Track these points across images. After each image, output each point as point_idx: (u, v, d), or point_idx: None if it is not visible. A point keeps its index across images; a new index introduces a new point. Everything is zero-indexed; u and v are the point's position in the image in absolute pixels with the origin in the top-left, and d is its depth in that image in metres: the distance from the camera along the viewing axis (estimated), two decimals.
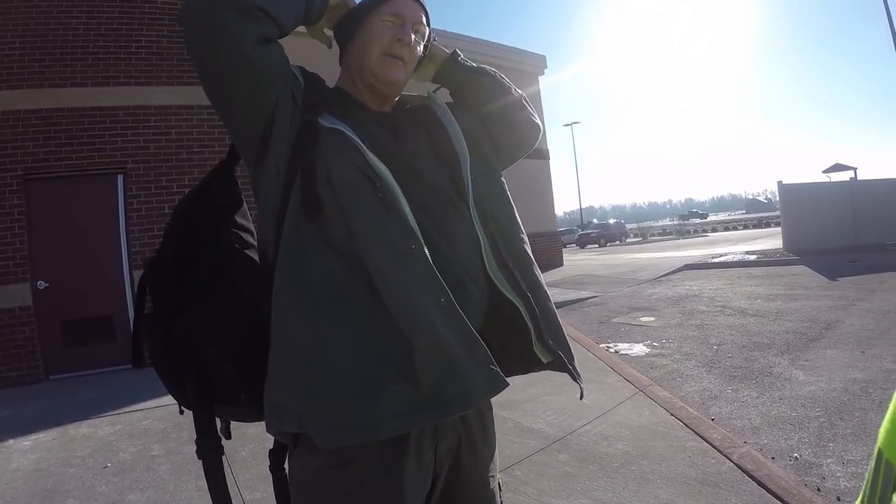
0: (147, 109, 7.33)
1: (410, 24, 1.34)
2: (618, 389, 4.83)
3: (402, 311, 1.07)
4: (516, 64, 16.92)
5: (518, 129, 1.54)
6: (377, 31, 1.32)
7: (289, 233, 1.15)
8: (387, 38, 1.32)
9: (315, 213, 1.14)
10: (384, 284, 1.09)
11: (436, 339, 1.06)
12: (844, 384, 4.54)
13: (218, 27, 1.08)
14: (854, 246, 15.29)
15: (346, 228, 1.13)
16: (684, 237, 41.64)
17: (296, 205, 1.15)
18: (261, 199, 1.25)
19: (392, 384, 1.06)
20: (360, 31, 1.35)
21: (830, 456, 3.33)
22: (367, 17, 1.35)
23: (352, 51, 1.37)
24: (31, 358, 6.67)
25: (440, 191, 1.28)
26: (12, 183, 6.69)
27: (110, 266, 7.19)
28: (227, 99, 1.19)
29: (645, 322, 8.12)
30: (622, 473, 3.28)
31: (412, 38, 1.34)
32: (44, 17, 6.91)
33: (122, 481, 3.66)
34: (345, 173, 1.15)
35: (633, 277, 13.82)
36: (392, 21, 1.33)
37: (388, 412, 1.05)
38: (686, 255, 19.53)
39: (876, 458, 0.59)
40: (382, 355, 1.07)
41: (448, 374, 1.07)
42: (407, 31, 1.33)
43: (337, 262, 1.12)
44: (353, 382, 1.05)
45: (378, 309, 1.09)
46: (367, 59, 1.32)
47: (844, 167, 21.73)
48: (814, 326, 6.73)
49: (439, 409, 1.08)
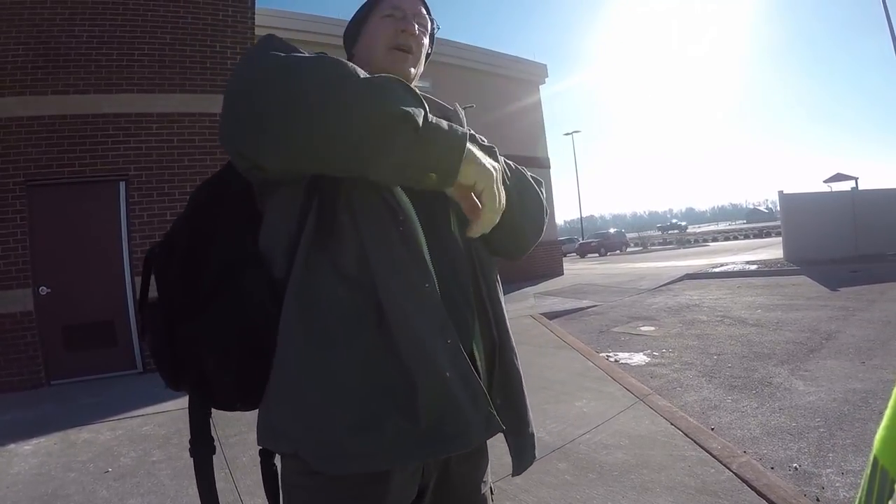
0: (149, 116, 7.36)
1: (412, 16, 1.33)
2: (617, 398, 4.83)
3: (409, 348, 1.06)
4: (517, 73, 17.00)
5: (527, 240, 1.39)
6: (379, 28, 1.32)
7: (300, 254, 1.11)
8: (390, 32, 1.31)
9: (329, 238, 1.10)
10: (394, 318, 1.07)
11: (439, 379, 1.06)
12: (844, 394, 4.54)
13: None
14: (855, 256, 15.29)
15: (360, 255, 1.09)
16: (685, 247, 41.63)
17: (311, 227, 1.10)
18: (271, 213, 1.20)
19: (392, 418, 1.05)
20: (363, 35, 1.36)
21: (830, 466, 3.33)
22: (367, 20, 1.35)
23: (358, 54, 1.37)
24: (33, 363, 6.68)
25: (446, 212, 1.25)
26: (15, 189, 6.72)
27: (112, 272, 7.20)
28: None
29: (645, 331, 8.13)
30: (621, 482, 3.28)
31: (416, 28, 1.33)
32: (47, 24, 6.96)
33: (122, 486, 3.67)
34: (366, 200, 1.10)
35: (634, 287, 13.82)
36: (392, 14, 1.32)
37: (387, 446, 1.05)
38: (686, 264, 19.54)
39: (871, 466, 0.59)
40: (385, 388, 1.07)
41: (447, 414, 1.07)
42: (409, 21, 1.32)
43: (347, 288, 1.09)
44: (354, 414, 1.05)
45: (384, 339, 1.07)
46: (375, 57, 1.31)
47: (846, 177, 21.76)
48: (814, 337, 6.73)
49: (436, 447, 1.08)
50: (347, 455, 1.04)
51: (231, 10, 7.88)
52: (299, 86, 0.94)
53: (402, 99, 0.97)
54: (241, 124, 0.99)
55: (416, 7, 1.36)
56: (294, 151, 0.99)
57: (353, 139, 0.94)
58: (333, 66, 0.96)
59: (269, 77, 0.96)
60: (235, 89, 1.01)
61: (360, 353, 1.07)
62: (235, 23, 7.91)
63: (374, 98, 0.94)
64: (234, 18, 7.90)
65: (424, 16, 1.38)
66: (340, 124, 0.93)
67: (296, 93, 0.93)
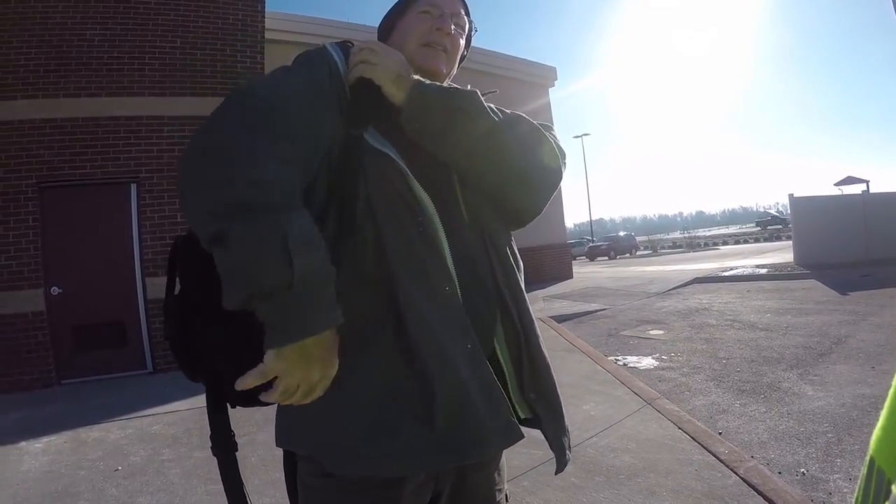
0: (160, 119, 7.43)
1: (449, 15, 1.29)
2: (625, 402, 4.82)
3: (428, 354, 1.04)
4: (527, 76, 17.00)
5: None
6: (415, 23, 1.29)
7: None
8: (425, 28, 1.28)
9: (349, 239, 1.08)
10: (414, 323, 1.05)
11: (459, 386, 1.05)
12: (853, 399, 4.51)
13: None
14: (866, 260, 15.16)
15: (379, 257, 1.08)
16: (694, 250, 41.47)
17: (331, 228, 1.09)
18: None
19: (409, 424, 1.05)
20: (397, 28, 1.32)
21: (838, 472, 3.31)
22: (404, 14, 1.32)
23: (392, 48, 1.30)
24: (44, 362, 6.74)
25: (455, 198, 1.24)
26: (27, 191, 6.79)
27: (123, 273, 7.27)
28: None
29: (654, 335, 8.11)
30: (628, 486, 3.28)
31: (452, 27, 1.29)
32: (59, 28, 7.04)
33: (132, 484, 3.70)
34: (386, 200, 1.09)
35: (643, 290, 13.78)
36: (429, 11, 1.29)
37: (403, 452, 1.04)
38: (696, 268, 19.45)
39: (868, 466, 0.59)
40: (403, 393, 1.06)
41: (465, 422, 1.06)
42: (446, 20, 1.28)
43: (366, 291, 1.08)
44: (371, 418, 1.05)
45: (403, 344, 1.06)
46: (408, 52, 1.26)
47: (857, 180, 21.60)
48: (824, 341, 6.70)
49: (452, 455, 1.08)
50: (360, 459, 1.04)
51: (241, 13, 7.94)
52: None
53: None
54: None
55: (455, 7, 1.33)
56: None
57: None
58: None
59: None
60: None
61: (378, 357, 1.06)
62: (245, 27, 7.97)
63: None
64: (244, 22, 7.96)
65: (463, 16, 1.35)
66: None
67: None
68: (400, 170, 1.10)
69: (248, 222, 0.88)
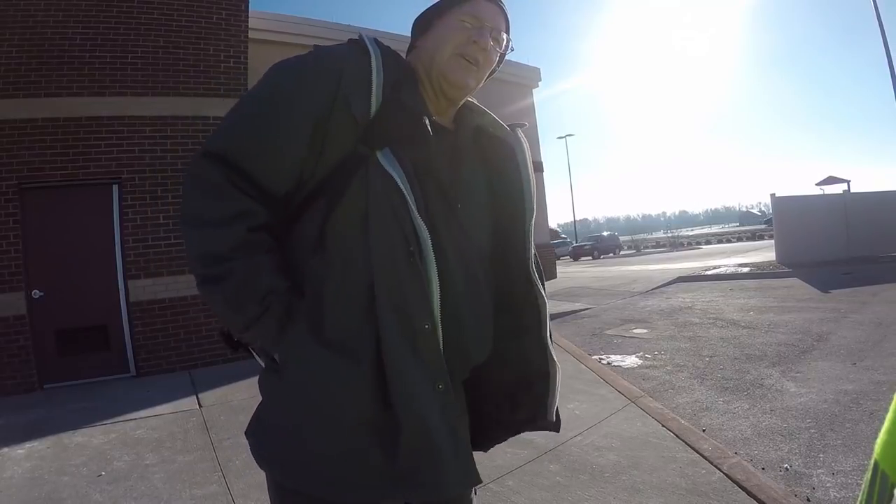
0: (142, 119, 7.34)
1: (489, 29, 1.26)
2: (609, 401, 4.85)
3: (398, 390, 1.07)
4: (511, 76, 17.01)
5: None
6: (452, 30, 1.25)
7: (314, 274, 1.13)
8: (462, 38, 1.24)
9: (343, 265, 1.11)
10: (389, 358, 1.07)
11: (425, 426, 1.07)
12: (835, 396, 4.57)
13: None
14: (847, 258, 15.37)
15: (370, 284, 1.09)
16: (678, 249, 41.75)
17: (328, 255, 1.13)
18: (292, 240, 1.20)
19: (372, 456, 1.08)
20: (435, 28, 1.28)
21: (821, 466, 3.36)
22: (444, 15, 1.28)
23: (423, 47, 1.30)
24: (25, 367, 6.64)
25: (480, 242, 1.27)
26: (7, 192, 6.69)
27: (105, 275, 7.17)
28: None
29: (637, 334, 8.16)
30: (613, 483, 3.30)
31: (489, 42, 1.26)
32: (40, 27, 6.93)
33: (116, 490, 3.66)
34: (383, 225, 1.08)
35: (626, 289, 13.86)
36: (470, 22, 1.25)
37: (361, 483, 1.08)
38: (679, 267, 19.60)
39: (872, 470, 0.60)
40: (371, 424, 1.08)
41: (427, 462, 1.08)
42: (485, 34, 1.24)
43: (355, 318, 1.10)
44: (337, 446, 1.08)
45: (378, 376, 1.08)
46: (439, 58, 1.24)
47: (838, 180, 21.82)
48: (806, 338, 6.78)
49: (410, 490, 1.10)
50: (321, 484, 1.09)
51: (225, 13, 7.87)
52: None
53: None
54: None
55: (497, 21, 1.29)
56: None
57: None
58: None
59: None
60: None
61: (355, 384, 1.08)
62: (229, 26, 7.90)
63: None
64: (227, 21, 7.88)
65: (502, 33, 1.31)
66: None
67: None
68: (403, 196, 1.08)
69: (204, 288, 1.15)
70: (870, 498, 0.59)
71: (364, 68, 1.14)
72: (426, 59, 1.27)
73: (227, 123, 1.19)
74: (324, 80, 1.13)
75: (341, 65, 1.14)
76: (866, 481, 0.61)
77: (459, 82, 1.25)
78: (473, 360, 1.24)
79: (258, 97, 1.18)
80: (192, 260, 1.14)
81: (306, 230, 1.15)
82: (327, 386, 1.08)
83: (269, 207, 1.16)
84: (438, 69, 1.25)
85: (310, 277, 1.13)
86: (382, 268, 1.08)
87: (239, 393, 5.73)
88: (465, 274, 1.19)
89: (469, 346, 1.21)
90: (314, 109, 1.12)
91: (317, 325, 1.10)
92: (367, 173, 1.09)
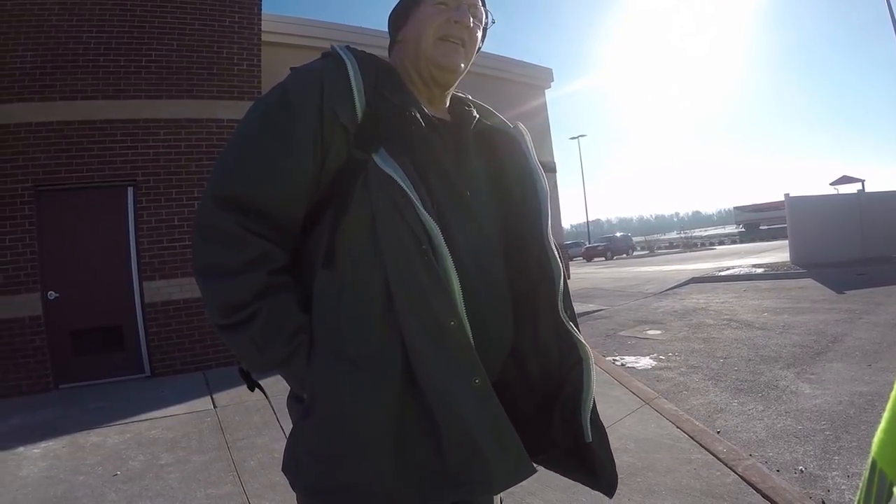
0: (157, 122, 7.40)
1: (467, 6, 1.26)
2: (624, 402, 4.83)
3: (433, 392, 1.06)
4: (524, 77, 16.99)
5: None
6: (430, 15, 1.24)
7: (329, 291, 1.12)
8: (441, 20, 1.23)
9: (356, 273, 1.10)
10: (417, 363, 1.06)
11: (464, 425, 1.05)
12: (850, 397, 4.53)
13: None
14: (862, 259, 15.23)
15: (386, 291, 1.08)
16: (691, 250, 41.55)
17: (341, 265, 1.12)
18: (306, 254, 1.20)
19: (419, 462, 1.07)
20: (411, 20, 1.28)
21: (836, 469, 3.33)
22: (418, 5, 1.27)
23: (404, 40, 1.30)
24: (41, 367, 6.71)
25: (491, 232, 1.25)
26: (23, 194, 6.76)
27: (120, 277, 7.24)
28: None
29: (651, 335, 8.13)
30: (628, 485, 3.29)
31: (470, 19, 1.26)
32: (55, 31, 7.01)
33: (131, 489, 3.69)
34: (392, 228, 1.07)
35: (640, 290, 13.82)
36: (446, 3, 1.25)
37: (413, 488, 1.06)
38: (692, 268, 19.51)
39: (870, 468, 0.59)
40: (413, 432, 1.07)
41: (473, 459, 1.06)
42: (463, 11, 1.25)
43: (377, 328, 1.09)
44: (384, 464, 1.06)
45: (412, 383, 1.08)
46: (423, 46, 1.24)
47: (852, 179, 21.65)
48: (820, 340, 6.72)
49: (462, 489, 1.08)
50: (373, 496, 1.07)
51: (238, 16, 7.93)
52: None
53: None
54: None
55: (473, 1, 1.29)
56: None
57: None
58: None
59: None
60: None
61: (385, 399, 1.07)
62: (242, 29, 7.95)
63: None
64: (240, 25, 7.94)
65: (479, 7, 1.31)
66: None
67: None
68: (405, 194, 1.06)
69: (229, 333, 1.14)
70: (868, 497, 0.59)
71: (342, 76, 1.14)
72: (411, 51, 1.27)
73: (227, 165, 1.17)
74: (308, 96, 1.13)
75: (320, 79, 1.14)
76: (864, 479, 0.60)
77: (450, 65, 1.25)
78: (500, 353, 1.23)
79: (250, 133, 1.17)
80: (214, 310, 1.13)
81: (314, 250, 1.15)
82: (359, 406, 1.07)
83: (285, 244, 1.16)
84: (426, 57, 1.25)
85: (321, 297, 1.12)
86: (397, 271, 1.06)
87: (254, 394, 5.74)
88: (478, 266, 1.18)
89: (493, 339, 1.19)
90: (309, 127, 1.12)
91: (337, 347, 1.09)
92: (367, 177, 1.09)
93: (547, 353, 1.27)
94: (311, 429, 1.12)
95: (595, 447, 1.27)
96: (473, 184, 1.25)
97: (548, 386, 1.28)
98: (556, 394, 1.27)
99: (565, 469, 1.34)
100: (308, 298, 1.15)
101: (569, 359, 1.26)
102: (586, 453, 1.28)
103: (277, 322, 1.10)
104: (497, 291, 1.23)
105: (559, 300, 1.25)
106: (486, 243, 1.23)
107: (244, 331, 1.10)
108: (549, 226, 1.29)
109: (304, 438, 1.14)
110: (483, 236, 1.22)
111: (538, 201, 1.29)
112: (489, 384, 1.08)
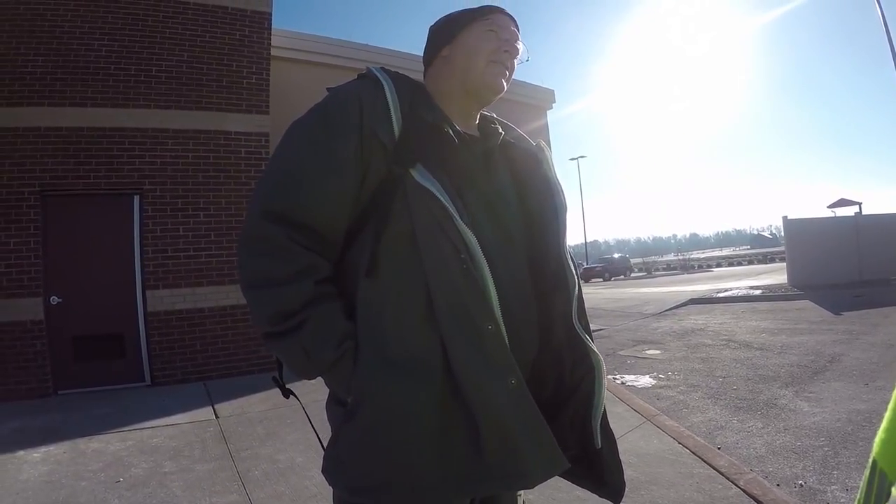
0: (165, 132, 7.46)
1: (514, 38, 1.35)
2: (626, 419, 4.85)
3: (471, 391, 1.12)
4: (525, 98, 17.09)
5: None
6: (483, 40, 1.32)
7: (372, 296, 1.18)
8: (493, 46, 1.31)
9: (399, 279, 1.16)
10: (456, 364, 1.12)
11: (501, 423, 1.11)
12: (848, 415, 4.57)
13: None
14: (859, 281, 15.30)
15: (427, 296, 1.14)
16: (689, 272, 41.61)
17: (383, 268, 1.17)
18: (349, 259, 1.26)
19: (461, 455, 1.13)
20: (461, 40, 1.34)
21: (835, 483, 3.36)
22: (468, 27, 1.33)
23: (452, 58, 1.35)
24: (41, 372, 6.70)
25: (518, 242, 1.32)
26: (30, 198, 6.79)
27: (123, 285, 7.26)
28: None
29: (651, 355, 8.16)
30: (632, 498, 3.30)
31: (518, 49, 1.35)
32: (67, 37, 7.08)
33: (134, 496, 3.68)
34: (431, 238, 1.14)
35: (639, 311, 13.85)
36: (496, 32, 1.32)
37: (454, 482, 1.13)
38: (691, 289, 19.54)
39: (870, 468, 0.61)
40: (455, 428, 1.13)
41: (510, 455, 1.12)
42: (513, 43, 1.33)
43: (418, 331, 1.15)
44: (427, 455, 1.12)
45: (452, 383, 1.13)
46: (474, 67, 1.31)
47: (849, 202, 21.73)
48: (818, 359, 6.76)
49: (499, 483, 1.15)
50: (420, 491, 1.13)
51: (248, 30, 8.02)
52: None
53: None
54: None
55: (513, 32, 1.36)
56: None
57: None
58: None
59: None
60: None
61: (429, 399, 1.13)
62: (252, 42, 8.03)
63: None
64: (250, 38, 8.02)
65: (519, 42, 1.38)
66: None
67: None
68: (443, 206, 1.13)
69: (277, 341, 1.19)
70: (868, 497, 0.60)
71: (380, 97, 1.21)
72: (458, 69, 1.33)
73: (275, 182, 1.23)
74: (348, 117, 1.20)
75: (358, 99, 1.21)
76: (865, 479, 0.62)
77: (498, 87, 1.33)
78: (529, 355, 1.28)
79: (296, 153, 1.24)
80: (264, 319, 1.18)
81: (356, 260, 1.21)
82: (403, 406, 1.13)
83: (328, 256, 1.22)
84: (477, 77, 1.31)
85: (365, 304, 1.18)
86: (438, 280, 1.13)
87: (256, 405, 5.77)
88: (510, 274, 1.24)
89: (524, 342, 1.25)
90: (351, 147, 1.18)
91: (382, 351, 1.15)
92: (406, 192, 1.15)
93: (560, 360, 1.34)
94: (356, 430, 1.17)
95: (604, 453, 1.33)
96: (502, 196, 1.33)
97: (559, 393, 1.34)
98: (566, 401, 1.33)
99: (573, 476, 1.38)
100: (351, 306, 1.20)
101: (581, 367, 1.31)
102: (595, 460, 1.34)
103: (326, 329, 1.15)
104: (527, 297, 1.29)
105: (573, 310, 1.30)
106: (515, 252, 1.30)
107: (294, 338, 1.16)
108: (567, 239, 1.37)
109: (348, 439, 1.18)
110: (512, 246, 1.29)
111: (557, 215, 1.36)
112: (524, 384, 1.15)
